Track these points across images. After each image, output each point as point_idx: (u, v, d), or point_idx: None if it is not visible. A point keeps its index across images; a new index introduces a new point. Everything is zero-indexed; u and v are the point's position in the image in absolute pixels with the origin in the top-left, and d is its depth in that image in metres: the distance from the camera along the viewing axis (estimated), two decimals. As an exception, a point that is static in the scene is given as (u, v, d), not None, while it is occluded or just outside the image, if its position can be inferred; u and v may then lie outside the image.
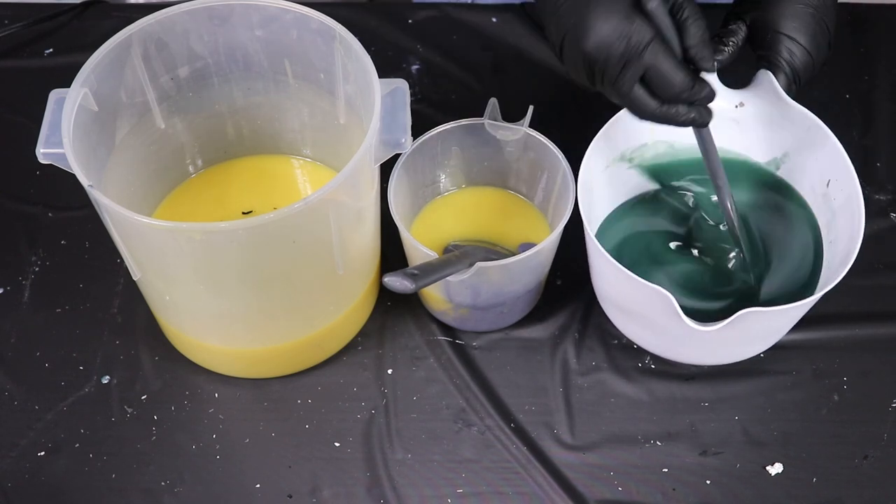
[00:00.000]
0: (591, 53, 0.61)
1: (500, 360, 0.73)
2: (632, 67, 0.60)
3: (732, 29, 0.70)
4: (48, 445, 0.69)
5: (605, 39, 0.60)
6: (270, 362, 0.71)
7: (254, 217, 0.57)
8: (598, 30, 0.60)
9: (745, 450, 0.69)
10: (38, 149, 0.60)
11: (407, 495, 0.67)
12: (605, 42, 0.60)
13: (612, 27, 0.60)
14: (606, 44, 0.60)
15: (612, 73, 0.61)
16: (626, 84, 0.61)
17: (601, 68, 0.61)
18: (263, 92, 0.73)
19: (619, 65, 0.60)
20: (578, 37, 0.61)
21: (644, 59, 0.60)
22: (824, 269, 0.70)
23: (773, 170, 0.75)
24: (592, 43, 0.60)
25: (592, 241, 0.66)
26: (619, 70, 0.61)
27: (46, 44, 0.90)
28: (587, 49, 0.61)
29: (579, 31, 0.61)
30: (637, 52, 0.60)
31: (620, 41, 0.60)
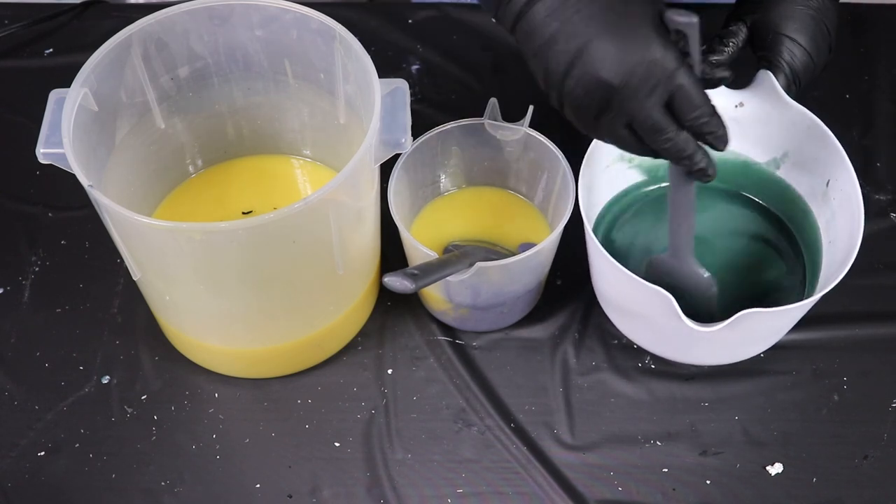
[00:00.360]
0: (613, 82, 0.55)
1: (500, 360, 0.73)
2: (659, 92, 0.55)
3: (733, 30, 0.70)
4: (48, 445, 0.69)
5: (635, 64, 0.54)
6: (270, 362, 0.71)
7: (254, 217, 0.57)
8: (624, 54, 0.54)
9: (745, 450, 0.69)
10: (38, 149, 0.60)
11: (407, 495, 0.67)
12: (633, 67, 0.54)
13: (640, 50, 0.54)
14: (633, 70, 0.54)
15: (637, 102, 0.55)
16: (651, 111, 0.56)
17: (623, 98, 0.55)
18: (263, 92, 0.73)
19: (646, 91, 0.55)
20: (594, 64, 0.55)
21: (675, 81, 0.55)
22: (824, 269, 0.70)
23: (773, 170, 0.75)
24: (617, 70, 0.54)
25: (592, 241, 0.66)
26: (646, 97, 0.55)
27: (46, 44, 0.90)
28: (608, 77, 0.54)
29: (595, 58, 0.55)
30: (668, 76, 0.55)
31: (653, 66, 0.54)
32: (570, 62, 0.55)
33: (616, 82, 0.55)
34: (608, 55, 0.54)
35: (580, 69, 0.55)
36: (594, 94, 0.56)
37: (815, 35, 0.69)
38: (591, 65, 0.55)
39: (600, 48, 0.54)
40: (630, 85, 0.55)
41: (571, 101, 0.57)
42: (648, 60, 0.54)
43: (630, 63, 0.54)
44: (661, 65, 0.55)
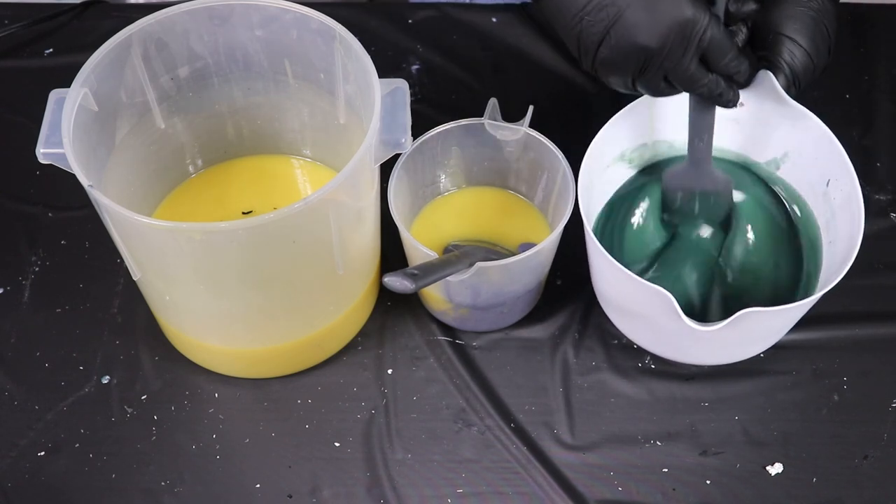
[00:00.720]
0: (651, 46, 0.58)
1: (500, 360, 0.73)
2: (694, 48, 0.58)
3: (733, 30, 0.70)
4: (48, 445, 0.69)
5: (669, 27, 0.57)
6: (270, 362, 0.71)
7: (254, 217, 0.57)
8: (658, 18, 0.57)
9: (745, 450, 0.69)
10: (38, 149, 0.60)
11: (407, 495, 0.67)
12: (669, 30, 0.57)
13: (673, 11, 0.57)
14: (668, 32, 0.57)
15: (675, 60, 0.59)
16: (689, 65, 0.59)
17: (661, 59, 0.59)
18: (263, 92, 0.73)
19: (682, 49, 0.58)
20: (630, 31, 0.57)
21: (708, 35, 0.58)
22: (824, 269, 0.70)
23: (773, 170, 0.75)
24: (653, 34, 0.57)
25: (592, 241, 0.66)
26: (683, 54, 0.58)
27: (46, 44, 0.90)
28: (645, 42, 0.57)
29: (630, 25, 0.57)
30: (701, 32, 0.58)
31: (686, 26, 0.57)
32: (604, 30, 0.58)
33: (654, 45, 0.57)
34: (642, 20, 0.57)
35: (616, 36, 0.58)
36: (631, 57, 0.59)
37: (815, 36, 0.69)
38: (627, 31, 0.57)
39: (634, 14, 0.57)
40: (667, 46, 0.58)
41: (608, 67, 0.60)
42: (682, 20, 0.57)
43: (665, 25, 0.57)
44: (693, 22, 0.57)
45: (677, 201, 0.73)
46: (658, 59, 0.59)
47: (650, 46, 0.58)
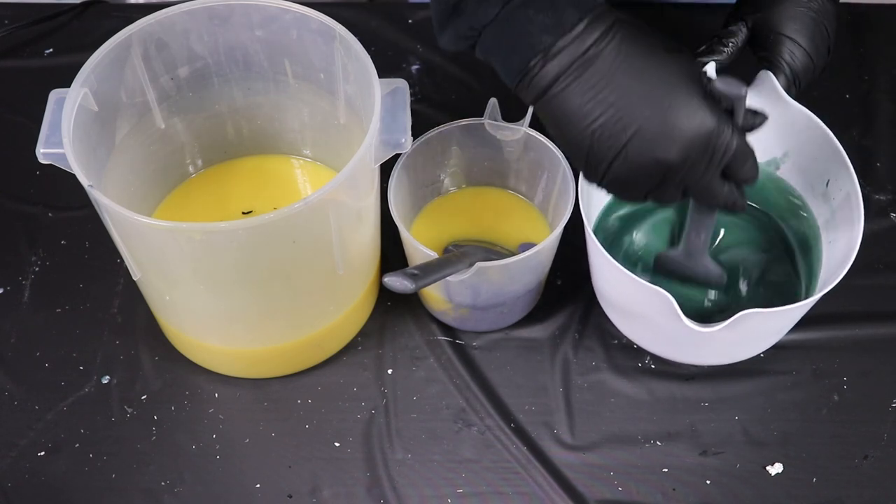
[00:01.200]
0: (672, 161, 0.53)
1: (500, 360, 0.73)
2: (718, 161, 0.55)
3: (732, 30, 0.70)
4: (48, 445, 0.69)
5: (692, 140, 0.53)
6: (270, 362, 0.71)
7: (254, 217, 0.57)
8: (680, 130, 0.53)
9: (745, 450, 0.69)
10: (38, 149, 0.60)
11: (407, 495, 0.67)
12: (691, 143, 0.53)
13: (695, 125, 0.53)
14: (691, 145, 0.53)
15: (697, 174, 0.55)
16: (712, 179, 0.56)
17: (683, 174, 0.55)
18: (263, 92, 0.73)
19: (706, 162, 0.54)
20: (649, 145, 0.53)
21: (732, 148, 0.55)
22: (824, 269, 0.70)
23: (773, 170, 0.75)
24: (675, 148, 0.53)
25: (592, 241, 0.66)
26: (706, 168, 0.55)
27: (46, 44, 0.90)
28: (665, 157, 0.53)
29: (649, 139, 0.53)
30: (725, 146, 0.54)
31: (710, 137, 0.54)
32: (620, 145, 0.53)
33: (675, 160, 0.53)
34: (663, 133, 0.53)
35: (633, 151, 0.53)
36: (649, 173, 0.54)
37: (815, 36, 0.69)
38: (646, 145, 0.53)
39: (653, 126, 0.53)
40: (689, 160, 0.54)
41: (622, 183, 0.55)
42: (705, 132, 0.53)
43: (687, 138, 0.53)
44: (718, 133, 0.54)
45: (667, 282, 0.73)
46: (679, 174, 0.55)
47: (671, 161, 0.53)
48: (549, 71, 0.53)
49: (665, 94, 0.53)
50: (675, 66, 0.54)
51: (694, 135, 0.53)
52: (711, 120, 0.54)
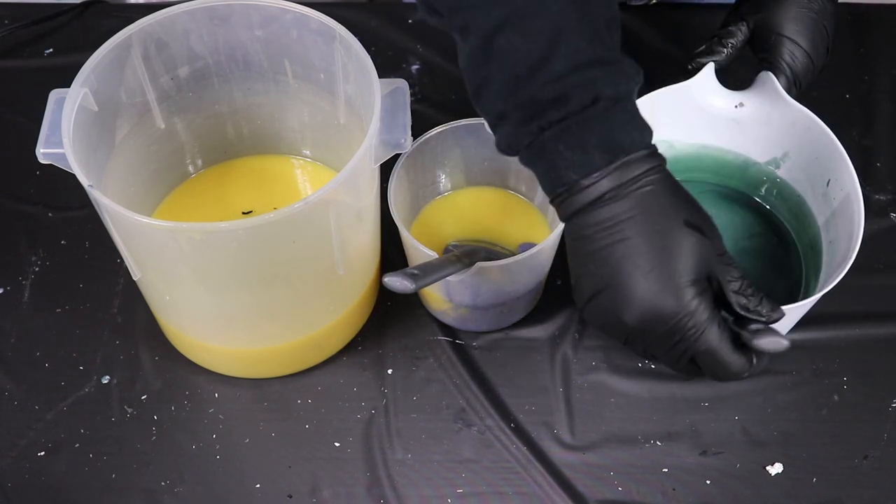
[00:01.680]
0: (633, 326, 0.53)
1: (500, 360, 0.73)
2: (683, 350, 0.54)
3: (731, 30, 0.70)
4: (48, 445, 0.69)
5: (654, 316, 0.53)
6: (270, 362, 0.71)
7: (254, 217, 0.57)
8: (643, 302, 0.52)
9: (745, 450, 0.69)
10: (38, 149, 0.60)
11: (407, 495, 0.67)
12: (653, 318, 0.53)
13: (664, 304, 0.52)
14: (653, 320, 0.53)
15: (658, 349, 0.55)
16: (674, 360, 0.55)
17: (642, 342, 0.55)
18: (263, 92, 0.73)
19: (667, 344, 0.54)
20: (617, 303, 0.53)
21: (699, 345, 0.54)
22: (824, 269, 0.70)
23: (773, 170, 0.75)
24: (635, 315, 0.53)
25: (592, 241, 0.66)
26: (668, 349, 0.54)
27: (46, 44, 0.90)
28: (628, 322, 0.53)
29: (618, 297, 0.53)
30: (694, 337, 0.53)
31: (674, 321, 0.53)
32: (593, 291, 0.54)
33: (633, 325, 0.53)
34: (627, 297, 0.52)
35: (602, 302, 0.54)
36: (614, 328, 0.55)
37: (815, 37, 0.69)
38: (611, 302, 0.53)
39: (623, 288, 0.53)
40: (648, 331, 0.53)
41: (595, 323, 0.56)
42: (663, 311, 0.52)
43: (643, 310, 0.52)
44: (677, 316, 0.52)
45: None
46: (640, 340, 0.55)
47: (627, 324, 0.53)
48: (575, 202, 0.54)
49: (655, 262, 0.52)
50: (682, 245, 0.53)
51: (654, 311, 0.52)
52: (679, 302, 0.52)
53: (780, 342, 0.55)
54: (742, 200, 0.77)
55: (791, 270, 0.74)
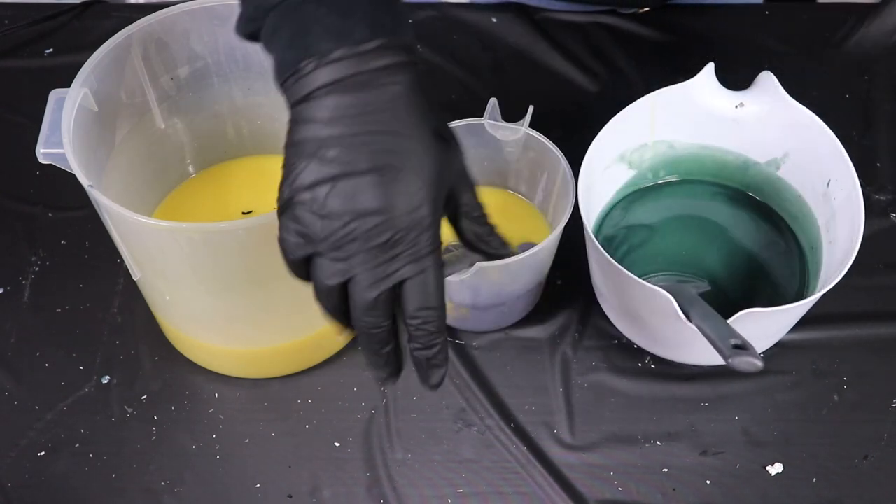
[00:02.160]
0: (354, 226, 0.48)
1: (500, 360, 0.73)
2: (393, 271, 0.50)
3: None
4: (48, 445, 0.69)
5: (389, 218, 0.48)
6: (270, 362, 0.71)
7: (254, 217, 0.57)
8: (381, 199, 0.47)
9: (745, 450, 0.69)
10: (38, 149, 0.60)
11: (407, 495, 0.67)
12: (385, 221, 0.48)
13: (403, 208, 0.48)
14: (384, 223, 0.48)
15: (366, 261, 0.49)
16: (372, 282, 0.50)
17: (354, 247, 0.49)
18: (263, 92, 0.73)
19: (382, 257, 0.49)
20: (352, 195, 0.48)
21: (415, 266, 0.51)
22: (824, 269, 0.70)
23: (773, 170, 0.75)
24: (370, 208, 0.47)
25: (592, 242, 0.66)
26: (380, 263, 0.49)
27: (46, 44, 0.90)
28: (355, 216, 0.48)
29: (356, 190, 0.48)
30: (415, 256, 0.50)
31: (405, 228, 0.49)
32: (330, 178, 0.48)
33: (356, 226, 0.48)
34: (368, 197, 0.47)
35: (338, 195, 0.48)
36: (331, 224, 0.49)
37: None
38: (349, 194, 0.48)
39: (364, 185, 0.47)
40: (374, 238, 0.48)
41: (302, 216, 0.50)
42: (413, 224, 0.48)
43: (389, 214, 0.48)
44: (422, 227, 0.49)
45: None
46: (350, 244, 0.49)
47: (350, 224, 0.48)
48: (318, 77, 0.48)
49: (403, 167, 0.48)
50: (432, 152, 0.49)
51: (402, 214, 0.48)
52: (425, 211, 0.48)
53: (755, 363, 0.56)
54: (742, 200, 0.77)
55: (791, 270, 0.74)
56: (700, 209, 0.77)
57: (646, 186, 0.78)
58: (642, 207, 0.77)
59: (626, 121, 0.71)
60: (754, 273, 0.74)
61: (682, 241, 0.75)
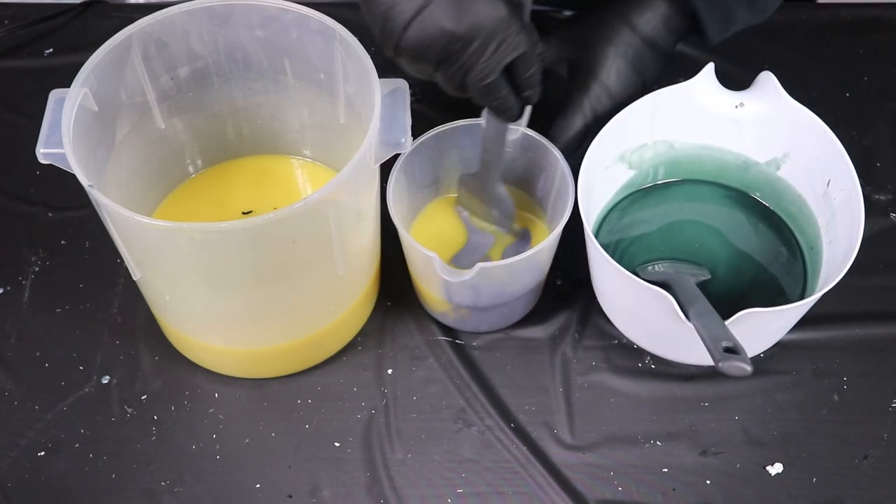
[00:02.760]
0: (457, 33, 0.56)
1: (500, 360, 0.73)
2: (502, 50, 0.57)
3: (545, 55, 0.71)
4: (48, 445, 0.69)
5: (483, 22, 0.56)
6: (270, 362, 0.71)
7: (254, 217, 0.57)
8: (470, 10, 0.55)
9: (745, 450, 0.69)
10: (38, 149, 0.60)
11: (407, 495, 0.67)
12: (479, 23, 0.56)
13: (490, 9, 0.56)
14: (479, 25, 0.56)
15: (478, 57, 0.57)
16: (491, 69, 0.58)
17: (466, 53, 0.57)
18: (263, 92, 0.73)
19: (488, 47, 0.57)
20: (439, 16, 0.55)
21: (520, 49, 0.58)
22: (824, 269, 0.70)
23: (773, 170, 0.75)
24: (462, 22, 0.56)
25: (592, 242, 0.66)
26: (489, 53, 0.57)
27: (46, 44, 0.90)
28: (452, 28, 0.56)
29: (440, 10, 0.55)
30: (514, 42, 0.57)
31: (499, 24, 0.56)
32: (413, 13, 0.55)
33: (460, 32, 0.55)
34: (456, 9, 0.55)
35: (428, 19, 0.55)
36: (436, 43, 0.56)
37: (626, 86, 0.70)
38: (436, 15, 0.55)
39: (446, 3, 0.55)
40: (475, 38, 0.56)
41: (411, 51, 0.57)
42: (495, 17, 0.55)
43: (477, 17, 0.55)
44: (507, 23, 0.56)
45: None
46: (462, 52, 0.57)
47: (459, 34, 0.56)
48: None
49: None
50: None
51: (484, 16, 0.55)
52: (502, 9, 0.56)
53: (744, 368, 0.57)
54: (742, 200, 0.77)
55: (791, 270, 0.74)
56: (700, 209, 0.77)
57: (646, 187, 0.78)
58: (642, 208, 0.77)
59: (626, 121, 0.71)
60: (754, 273, 0.74)
61: (681, 241, 0.75)
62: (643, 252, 0.75)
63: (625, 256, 0.75)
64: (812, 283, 0.72)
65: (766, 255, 0.74)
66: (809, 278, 0.73)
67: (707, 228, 0.76)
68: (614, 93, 0.70)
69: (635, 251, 0.75)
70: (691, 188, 0.78)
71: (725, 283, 0.73)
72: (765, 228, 0.76)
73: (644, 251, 0.75)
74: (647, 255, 0.74)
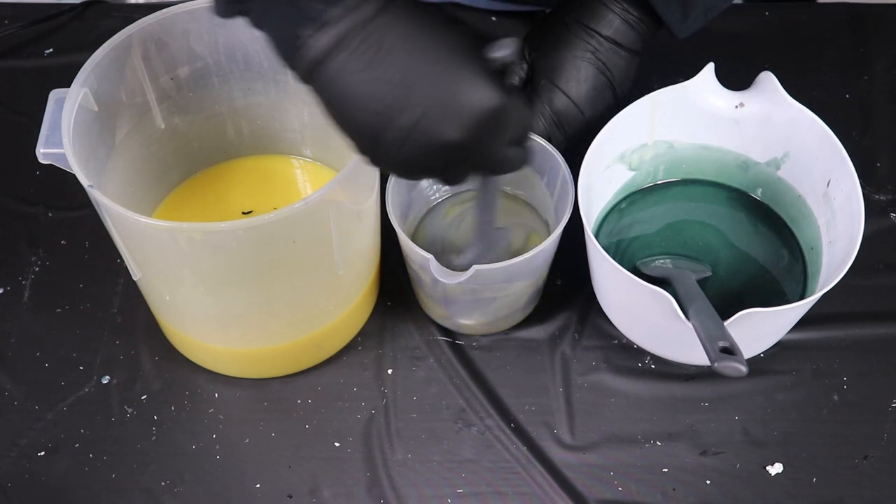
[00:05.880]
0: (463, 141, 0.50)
1: (500, 360, 0.73)
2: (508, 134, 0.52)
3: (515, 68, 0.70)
4: (48, 445, 0.69)
5: (480, 120, 0.50)
6: (270, 362, 0.71)
7: (254, 217, 0.57)
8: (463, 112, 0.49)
9: (745, 450, 0.69)
10: (38, 149, 0.60)
11: (407, 495, 0.67)
12: (478, 122, 0.50)
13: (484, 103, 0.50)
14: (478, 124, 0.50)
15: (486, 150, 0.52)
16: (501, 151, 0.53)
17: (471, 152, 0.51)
18: (263, 92, 0.73)
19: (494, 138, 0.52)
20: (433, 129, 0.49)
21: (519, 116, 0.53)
22: (824, 269, 0.70)
23: (773, 170, 0.75)
24: (464, 129, 0.50)
25: (592, 242, 0.66)
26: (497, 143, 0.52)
27: (46, 44, 0.90)
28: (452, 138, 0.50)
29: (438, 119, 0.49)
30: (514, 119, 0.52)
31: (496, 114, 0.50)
32: (409, 128, 0.50)
33: (463, 140, 0.50)
34: (449, 116, 0.49)
35: (422, 134, 0.50)
36: (438, 154, 0.51)
37: (588, 89, 0.69)
38: (433, 128, 0.49)
39: (439, 109, 0.49)
40: (477, 138, 0.50)
41: (411, 167, 0.52)
42: (491, 111, 0.50)
43: (473, 118, 0.50)
44: (503, 109, 0.50)
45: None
46: (467, 153, 0.51)
47: (459, 142, 0.50)
48: (320, 42, 0.49)
49: (449, 72, 0.49)
50: (458, 42, 0.50)
51: (480, 113, 0.50)
52: (494, 95, 0.50)
53: (740, 369, 0.58)
54: (742, 200, 0.77)
55: (791, 270, 0.74)
56: (700, 210, 0.77)
57: (646, 187, 0.78)
58: (642, 208, 0.77)
59: (626, 121, 0.71)
60: (754, 273, 0.74)
61: (681, 241, 0.75)
62: (643, 252, 0.75)
63: (625, 257, 0.75)
64: (812, 284, 0.72)
65: (766, 255, 0.74)
66: (809, 278, 0.73)
67: (707, 228, 0.76)
68: (575, 97, 0.70)
69: (635, 251, 0.75)
70: (691, 188, 0.78)
71: (725, 284, 0.73)
72: (765, 229, 0.76)
73: (644, 251, 0.75)
74: (647, 255, 0.74)
